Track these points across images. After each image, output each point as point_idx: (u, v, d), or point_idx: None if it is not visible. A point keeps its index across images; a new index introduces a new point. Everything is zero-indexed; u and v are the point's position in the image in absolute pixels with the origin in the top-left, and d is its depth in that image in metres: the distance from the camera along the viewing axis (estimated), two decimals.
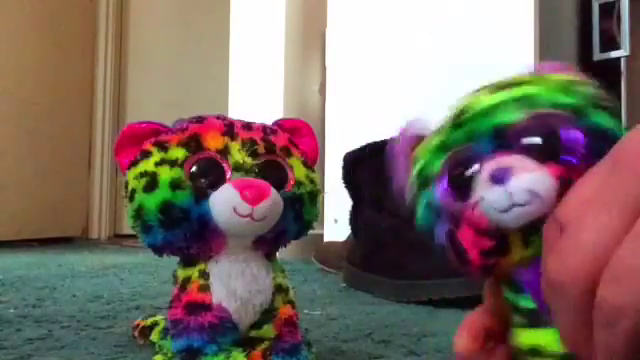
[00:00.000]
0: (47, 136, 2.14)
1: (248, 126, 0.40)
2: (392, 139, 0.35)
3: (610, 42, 1.62)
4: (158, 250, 0.39)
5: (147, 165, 0.38)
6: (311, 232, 0.43)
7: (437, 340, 0.55)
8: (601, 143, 0.26)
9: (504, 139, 0.27)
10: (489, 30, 1.25)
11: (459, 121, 0.30)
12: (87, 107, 2.42)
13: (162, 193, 0.36)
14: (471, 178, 0.27)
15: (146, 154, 0.38)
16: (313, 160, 0.43)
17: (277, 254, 0.42)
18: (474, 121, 0.29)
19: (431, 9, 1.34)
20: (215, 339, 0.37)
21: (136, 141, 0.39)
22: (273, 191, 0.37)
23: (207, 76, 2.66)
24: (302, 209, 0.40)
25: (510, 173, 0.26)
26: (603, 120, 0.28)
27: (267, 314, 0.39)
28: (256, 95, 1.61)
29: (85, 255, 1.58)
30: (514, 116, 0.28)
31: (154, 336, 0.48)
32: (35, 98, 2.09)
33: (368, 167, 0.97)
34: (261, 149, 0.39)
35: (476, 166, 0.27)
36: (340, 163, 1.02)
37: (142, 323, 0.51)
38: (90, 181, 2.44)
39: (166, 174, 0.37)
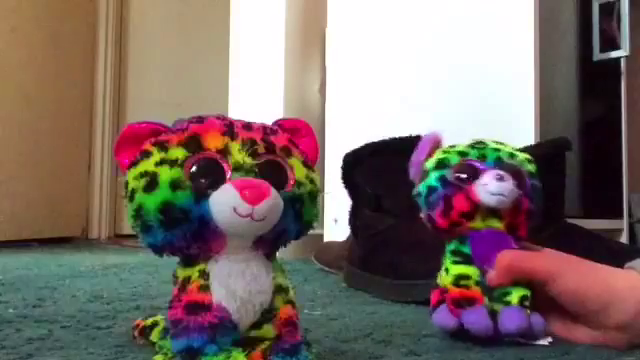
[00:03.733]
0: (47, 136, 2.14)
1: (248, 126, 0.40)
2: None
3: (610, 42, 1.62)
4: (158, 250, 0.39)
5: (147, 165, 0.37)
6: (311, 232, 0.43)
7: (437, 340, 0.55)
8: (534, 192, 0.55)
9: (500, 165, 0.54)
10: (489, 30, 1.25)
11: (475, 147, 0.56)
12: (87, 107, 2.42)
13: (162, 193, 0.36)
14: (477, 173, 0.53)
15: (146, 154, 0.38)
16: (313, 160, 0.43)
17: (277, 254, 0.42)
18: (486, 150, 0.56)
19: (431, 9, 1.34)
20: (215, 339, 0.37)
21: (136, 141, 0.39)
22: (273, 191, 0.37)
23: (207, 76, 2.66)
24: (302, 209, 0.40)
25: (504, 178, 0.52)
26: (538, 184, 0.56)
27: (267, 314, 0.39)
28: (256, 95, 1.61)
29: (85, 255, 1.58)
30: (505, 158, 0.55)
31: (154, 336, 0.48)
32: (35, 98, 2.09)
33: (368, 167, 0.97)
34: (261, 149, 0.39)
35: (480, 168, 0.54)
36: (340, 163, 1.02)
37: (142, 323, 0.51)
38: (90, 181, 2.44)
39: (166, 174, 0.37)
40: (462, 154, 0.55)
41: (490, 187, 0.52)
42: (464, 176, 0.53)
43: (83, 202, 2.40)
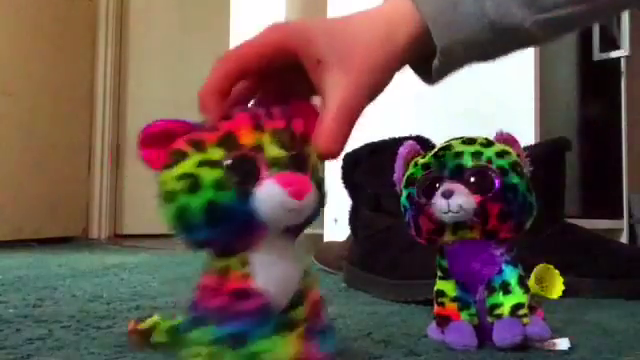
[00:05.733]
0: (47, 136, 2.14)
1: (269, 114, 0.41)
2: (399, 145, 0.57)
3: (610, 42, 1.62)
4: (199, 246, 0.40)
5: (188, 167, 0.38)
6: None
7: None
8: (508, 190, 0.51)
9: (459, 173, 0.52)
10: None
11: (439, 155, 0.53)
12: (87, 107, 2.42)
13: (206, 194, 0.37)
14: (435, 189, 0.52)
15: (183, 155, 0.39)
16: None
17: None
18: (446, 158, 0.53)
19: None
20: (261, 323, 0.39)
21: (166, 138, 0.40)
22: (311, 183, 0.39)
23: (207, 76, 2.66)
24: (323, 192, 0.42)
25: (453, 193, 0.50)
26: (514, 178, 0.52)
27: (299, 296, 0.41)
28: None
29: (85, 255, 1.58)
30: (468, 162, 0.52)
31: (159, 337, 0.47)
32: (35, 98, 2.09)
33: (367, 167, 0.97)
34: (287, 140, 0.40)
35: (438, 184, 0.52)
36: (340, 163, 1.02)
37: (139, 326, 0.48)
38: (90, 181, 2.44)
39: (209, 175, 0.38)
40: (425, 167, 0.53)
41: (438, 206, 0.50)
42: (423, 197, 0.52)
43: (83, 202, 2.40)
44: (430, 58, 0.46)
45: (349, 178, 1.01)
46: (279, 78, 0.45)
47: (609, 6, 0.47)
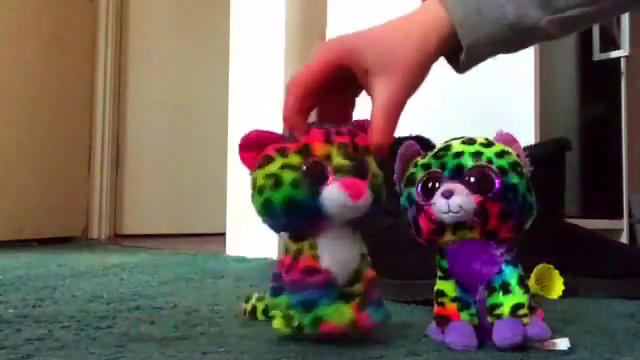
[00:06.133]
0: (47, 136, 2.14)
1: (339, 132, 0.53)
2: (399, 145, 0.57)
3: (610, 42, 1.62)
4: (277, 230, 0.53)
5: (273, 168, 0.50)
6: None
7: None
8: (508, 190, 0.51)
9: (459, 173, 0.51)
10: None
11: (439, 155, 0.54)
12: (87, 107, 2.42)
13: (286, 190, 0.49)
14: (435, 189, 0.51)
15: (271, 159, 0.51)
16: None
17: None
18: (446, 158, 0.53)
19: None
20: (325, 294, 0.50)
21: (258, 145, 0.52)
22: (367, 187, 0.50)
23: (207, 76, 2.66)
24: (380, 194, 0.53)
25: (453, 193, 0.50)
26: (513, 178, 0.51)
27: (357, 274, 0.52)
28: (256, 95, 1.61)
29: (85, 255, 1.58)
30: (468, 162, 0.52)
31: (259, 315, 0.62)
32: (35, 98, 2.09)
33: None
34: (351, 151, 0.52)
35: (438, 184, 0.52)
36: None
37: (246, 306, 0.64)
38: (90, 181, 2.44)
39: (288, 176, 0.49)
40: (425, 167, 0.54)
41: (438, 206, 0.50)
42: (423, 197, 0.52)
43: (83, 202, 2.40)
44: (458, 53, 0.55)
45: None
46: (334, 89, 0.55)
47: (615, 7, 0.55)
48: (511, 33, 0.54)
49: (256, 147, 0.52)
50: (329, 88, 0.54)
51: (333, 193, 0.49)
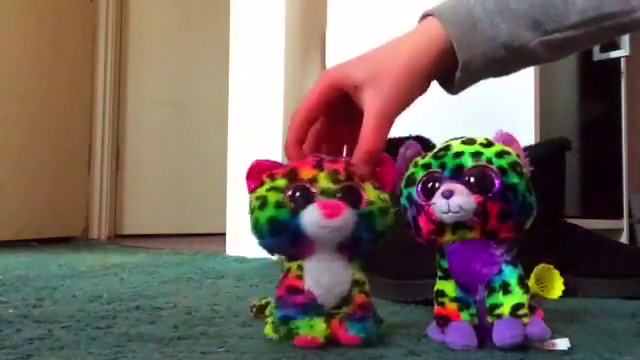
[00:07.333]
0: (47, 136, 2.14)
1: (335, 161, 0.54)
2: (399, 145, 0.58)
3: (610, 42, 1.62)
4: (269, 250, 0.54)
5: (262, 191, 0.53)
6: None
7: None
8: (508, 190, 0.51)
9: (459, 173, 0.51)
10: None
11: (439, 155, 0.53)
12: (87, 107, 2.42)
13: (269, 211, 0.51)
14: (435, 189, 0.52)
15: (262, 183, 0.54)
16: (390, 183, 0.56)
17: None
18: (446, 158, 0.53)
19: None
20: (304, 313, 0.51)
21: (259, 172, 0.55)
22: (347, 209, 0.50)
23: (207, 76, 2.66)
24: (374, 222, 0.52)
25: (453, 193, 0.50)
26: (513, 178, 0.51)
27: (345, 300, 0.52)
28: (256, 95, 1.61)
29: (85, 255, 1.57)
30: (468, 162, 0.52)
31: (268, 312, 0.62)
32: (35, 98, 2.09)
33: None
34: (342, 177, 0.52)
35: (438, 184, 0.52)
36: None
37: (258, 303, 0.64)
38: (90, 181, 2.44)
39: (272, 197, 0.51)
40: (425, 167, 0.54)
41: (438, 206, 0.50)
42: (423, 197, 0.52)
43: (83, 202, 2.40)
44: (453, 72, 0.57)
45: None
46: (342, 113, 0.58)
47: (600, 32, 0.56)
48: (505, 52, 0.56)
49: (257, 174, 0.55)
50: (334, 116, 0.58)
51: (309, 212, 0.50)
